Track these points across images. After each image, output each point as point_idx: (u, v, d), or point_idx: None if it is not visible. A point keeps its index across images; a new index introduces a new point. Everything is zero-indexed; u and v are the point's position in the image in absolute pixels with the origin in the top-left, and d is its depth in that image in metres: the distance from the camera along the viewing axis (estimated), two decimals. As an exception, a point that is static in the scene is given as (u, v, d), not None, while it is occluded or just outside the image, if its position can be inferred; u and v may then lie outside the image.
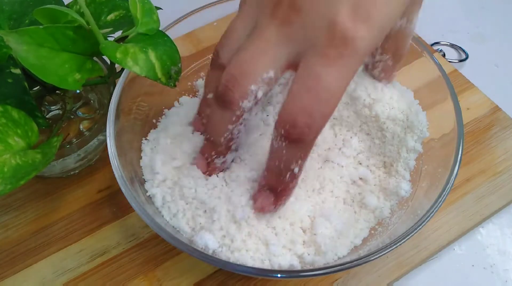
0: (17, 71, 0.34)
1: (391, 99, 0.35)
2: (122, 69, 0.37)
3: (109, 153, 0.33)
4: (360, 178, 0.36)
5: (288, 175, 0.29)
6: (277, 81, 0.28)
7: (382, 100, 0.35)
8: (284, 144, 0.27)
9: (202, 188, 0.34)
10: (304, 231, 0.33)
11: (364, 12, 0.25)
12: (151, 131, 0.39)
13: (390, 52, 0.33)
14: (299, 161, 0.28)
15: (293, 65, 0.27)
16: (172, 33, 0.37)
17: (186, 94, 0.43)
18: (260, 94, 0.28)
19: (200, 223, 0.33)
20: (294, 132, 0.26)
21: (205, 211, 0.33)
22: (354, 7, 0.25)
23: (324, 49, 0.25)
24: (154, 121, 0.40)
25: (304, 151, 0.27)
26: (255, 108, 0.29)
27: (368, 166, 0.37)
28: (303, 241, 0.33)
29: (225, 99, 0.28)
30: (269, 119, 0.37)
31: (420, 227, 0.30)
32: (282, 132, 0.27)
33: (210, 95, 0.33)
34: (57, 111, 0.42)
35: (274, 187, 0.30)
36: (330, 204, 0.34)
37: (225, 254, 0.32)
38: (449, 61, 0.52)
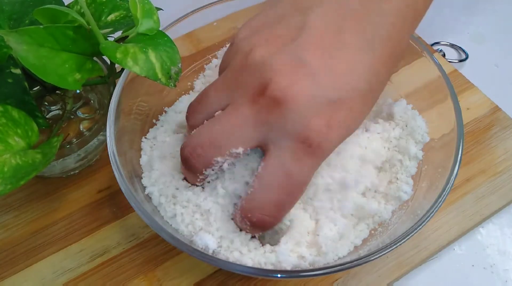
0: (17, 71, 0.34)
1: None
2: (122, 69, 0.37)
3: (109, 153, 0.33)
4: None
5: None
6: (244, 154, 0.29)
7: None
8: (248, 226, 0.30)
9: (197, 192, 0.34)
10: (308, 233, 0.33)
11: (340, 121, 0.27)
12: (151, 129, 0.39)
13: None
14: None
15: (262, 146, 0.29)
16: (172, 33, 0.37)
17: (186, 94, 0.43)
18: (225, 165, 0.29)
19: (199, 226, 0.33)
20: (259, 222, 0.29)
21: (202, 214, 0.34)
22: (332, 116, 0.27)
23: (297, 145, 0.27)
24: (154, 121, 0.40)
25: (266, 228, 0.30)
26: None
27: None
28: (306, 242, 0.33)
29: (189, 165, 0.30)
30: None
31: (420, 227, 0.30)
32: (247, 219, 0.29)
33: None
34: (57, 111, 0.42)
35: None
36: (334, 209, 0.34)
37: (225, 254, 0.32)
38: (449, 61, 0.52)
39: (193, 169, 0.30)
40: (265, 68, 0.27)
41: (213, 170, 0.30)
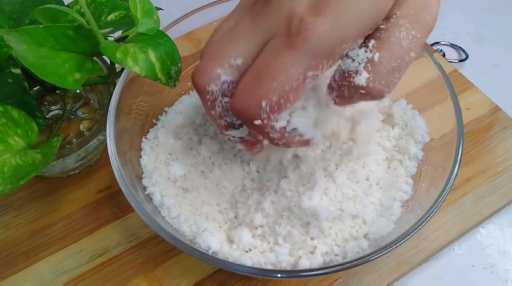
0: (17, 71, 0.34)
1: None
2: (122, 69, 0.37)
3: (109, 153, 0.33)
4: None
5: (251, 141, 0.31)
6: (247, 69, 0.28)
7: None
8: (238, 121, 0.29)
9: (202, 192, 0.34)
10: (307, 232, 0.33)
11: (326, 6, 0.24)
12: (151, 129, 0.39)
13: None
14: (260, 137, 0.29)
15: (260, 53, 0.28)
16: (172, 33, 0.37)
17: (186, 94, 0.43)
18: (228, 78, 0.28)
19: (205, 226, 0.33)
20: (238, 113, 0.27)
21: (206, 216, 0.34)
22: (320, 1, 0.25)
23: (280, 38, 0.26)
24: (154, 121, 0.40)
25: (254, 128, 0.28)
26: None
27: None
28: (305, 242, 0.33)
29: (195, 84, 0.29)
30: None
31: (420, 227, 0.30)
32: (231, 107, 0.28)
33: None
34: (57, 111, 0.42)
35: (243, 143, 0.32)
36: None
37: (225, 254, 0.32)
38: (449, 61, 0.52)
39: (198, 87, 0.29)
40: None
41: (216, 85, 0.28)
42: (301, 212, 0.33)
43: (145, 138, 0.39)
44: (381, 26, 0.26)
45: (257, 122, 0.27)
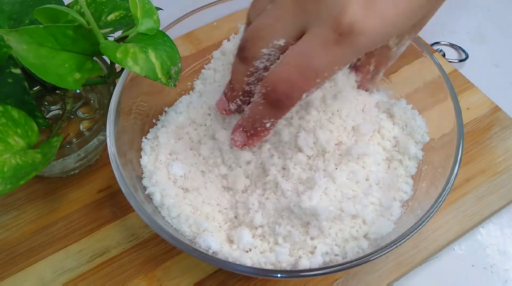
0: (17, 71, 0.34)
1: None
2: (122, 69, 0.37)
3: (109, 153, 0.33)
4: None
5: (259, 126, 0.31)
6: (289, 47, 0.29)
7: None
8: (262, 101, 0.29)
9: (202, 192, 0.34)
10: (307, 232, 0.33)
11: (377, 7, 0.25)
12: (151, 129, 0.39)
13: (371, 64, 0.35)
14: (272, 120, 0.31)
15: (301, 36, 0.28)
16: (172, 33, 0.37)
17: (186, 94, 0.43)
18: (272, 57, 0.29)
19: (205, 226, 0.33)
20: (273, 95, 0.29)
21: (207, 216, 0.34)
22: (371, 2, 0.25)
23: (327, 31, 0.26)
24: (154, 120, 0.40)
25: (277, 113, 0.30)
26: None
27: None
28: (305, 242, 0.33)
29: (242, 55, 0.30)
30: None
31: (420, 227, 0.30)
32: (263, 91, 0.29)
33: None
34: (57, 111, 0.42)
35: (248, 131, 0.33)
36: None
37: (225, 254, 0.32)
38: (449, 61, 0.52)
39: (245, 59, 0.30)
40: None
41: (261, 62, 0.30)
42: (301, 212, 0.33)
43: (145, 138, 0.39)
44: None
45: (287, 107, 0.29)
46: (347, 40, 0.25)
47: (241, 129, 0.33)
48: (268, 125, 0.31)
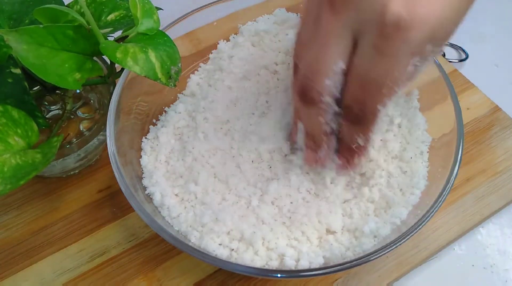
0: (17, 71, 0.34)
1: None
2: (122, 69, 0.37)
3: (109, 153, 0.33)
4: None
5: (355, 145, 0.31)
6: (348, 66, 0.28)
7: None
8: (346, 122, 0.30)
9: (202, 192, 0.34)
10: (318, 230, 0.33)
11: (422, 6, 0.24)
12: (151, 128, 0.39)
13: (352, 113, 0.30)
14: (361, 135, 0.30)
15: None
16: (172, 33, 0.37)
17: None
18: (337, 84, 0.28)
19: (205, 226, 0.33)
20: (351, 115, 0.29)
21: (210, 215, 0.34)
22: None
23: (375, 38, 0.25)
24: (154, 120, 0.40)
25: (364, 128, 0.30)
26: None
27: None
28: (305, 242, 0.33)
29: (308, 97, 0.29)
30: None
31: (420, 227, 0.30)
32: (344, 113, 0.29)
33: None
34: (57, 111, 0.42)
35: (343, 156, 0.33)
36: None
37: (225, 254, 0.32)
38: (449, 61, 0.52)
39: (312, 100, 0.29)
40: None
41: (329, 94, 0.28)
42: (301, 213, 0.33)
43: (145, 138, 0.39)
44: None
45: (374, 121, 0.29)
46: (394, 46, 0.24)
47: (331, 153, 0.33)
48: (361, 142, 0.31)
